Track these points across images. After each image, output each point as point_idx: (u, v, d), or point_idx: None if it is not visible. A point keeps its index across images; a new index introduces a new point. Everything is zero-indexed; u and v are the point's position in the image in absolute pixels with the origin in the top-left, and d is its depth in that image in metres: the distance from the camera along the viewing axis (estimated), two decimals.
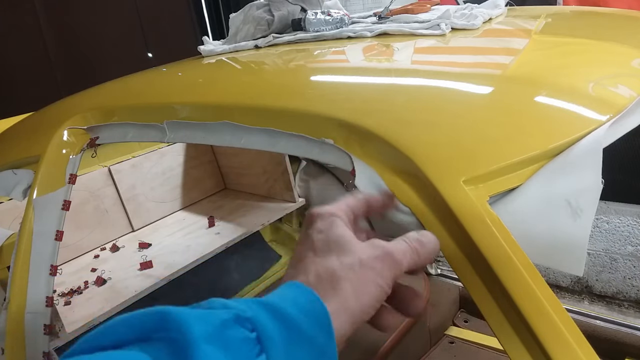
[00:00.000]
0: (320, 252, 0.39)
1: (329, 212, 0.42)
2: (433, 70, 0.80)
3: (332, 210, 0.43)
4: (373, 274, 0.38)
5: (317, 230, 0.41)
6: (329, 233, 0.40)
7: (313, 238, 0.41)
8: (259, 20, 1.22)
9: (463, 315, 1.76)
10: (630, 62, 0.74)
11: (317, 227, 0.41)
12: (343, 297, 0.36)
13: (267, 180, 1.92)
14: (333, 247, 0.39)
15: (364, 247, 0.39)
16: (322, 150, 0.62)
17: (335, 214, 0.42)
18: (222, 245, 1.64)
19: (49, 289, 0.90)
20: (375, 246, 0.39)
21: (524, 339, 0.43)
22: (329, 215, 0.42)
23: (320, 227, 0.41)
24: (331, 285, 0.37)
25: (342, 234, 0.40)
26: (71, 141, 0.93)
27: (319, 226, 0.41)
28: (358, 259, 0.38)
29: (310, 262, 0.39)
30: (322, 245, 0.40)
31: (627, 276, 2.23)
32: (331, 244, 0.40)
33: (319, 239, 0.40)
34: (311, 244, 0.40)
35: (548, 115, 0.58)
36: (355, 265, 0.38)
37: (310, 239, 0.41)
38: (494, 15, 1.06)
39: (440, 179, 0.48)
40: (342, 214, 0.43)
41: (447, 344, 1.66)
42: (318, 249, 0.40)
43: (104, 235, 1.72)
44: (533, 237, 0.46)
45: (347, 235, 0.40)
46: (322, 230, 0.41)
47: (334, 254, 0.39)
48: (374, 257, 0.39)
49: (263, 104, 0.74)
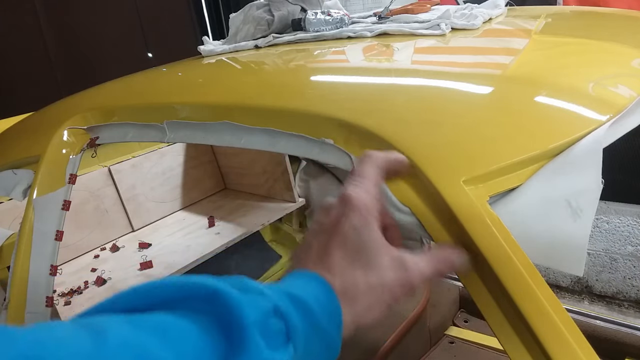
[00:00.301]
0: (349, 256, 0.40)
1: (366, 207, 0.42)
2: (433, 70, 0.80)
3: (368, 204, 0.42)
4: (390, 297, 0.40)
5: (351, 226, 0.41)
6: (362, 235, 0.41)
7: (346, 234, 0.41)
8: (259, 20, 1.22)
9: (463, 315, 1.76)
10: (630, 62, 0.74)
11: (352, 222, 0.41)
12: (357, 311, 0.39)
13: (267, 180, 1.92)
14: (363, 255, 0.40)
15: (391, 264, 0.40)
16: (322, 150, 0.62)
17: (371, 211, 0.42)
18: (222, 245, 1.64)
19: (49, 289, 0.90)
20: (400, 267, 0.41)
21: (524, 339, 0.43)
22: (366, 212, 0.42)
23: (356, 223, 0.41)
24: (351, 298, 0.39)
25: (374, 239, 0.41)
26: (71, 141, 0.93)
27: (355, 222, 0.41)
28: (382, 281, 0.40)
29: (337, 264, 0.40)
30: (353, 247, 0.40)
31: (627, 276, 2.23)
32: (362, 250, 0.40)
33: (352, 239, 0.41)
34: (342, 241, 0.41)
35: (548, 115, 0.58)
36: (377, 287, 0.40)
37: (342, 233, 0.41)
38: (494, 15, 1.06)
39: (440, 179, 0.48)
40: (375, 210, 0.43)
41: (447, 344, 1.66)
42: (348, 250, 0.40)
43: (104, 235, 1.72)
44: (533, 237, 0.46)
45: (378, 244, 0.41)
46: (357, 227, 0.41)
47: (362, 265, 0.40)
48: (396, 280, 0.40)
49: (263, 104, 0.74)
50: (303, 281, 0.39)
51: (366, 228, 0.41)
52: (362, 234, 0.41)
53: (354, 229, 0.41)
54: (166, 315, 0.31)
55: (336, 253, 0.40)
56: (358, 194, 0.43)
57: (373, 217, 0.42)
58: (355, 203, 0.42)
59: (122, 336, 0.28)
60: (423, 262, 0.42)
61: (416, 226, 0.50)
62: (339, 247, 0.41)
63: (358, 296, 0.39)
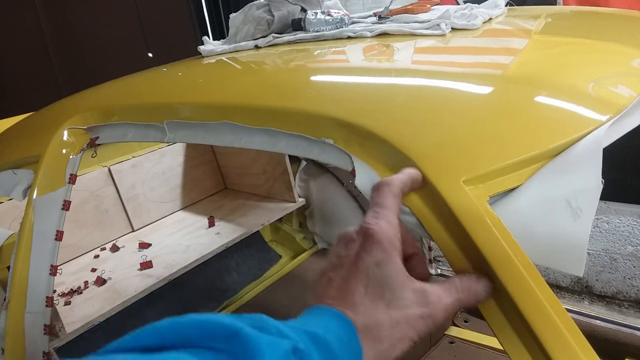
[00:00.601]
0: (372, 293, 0.40)
1: (389, 240, 0.41)
2: (433, 70, 0.80)
3: (390, 236, 0.42)
4: (413, 333, 0.40)
5: (374, 262, 0.40)
6: (384, 271, 0.40)
7: (367, 270, 0.40)
8: (259, 20, 1.22)
9: (463, 315, 1.76)
10: (630, 62, 0.74)
11: (375, 257, 0.40)
12: (380, 349, 0.39)
13: (267, 180, 1.92)
14: (386, 291, 0.40)
15: (414, 300, 0.40)
16: (322, 150, 0.62)
17: (394, 244, 0.41)
18: (222, 245, 1.64)
19: (49, 289, 0.90)
20: (423, 301, 0.40)
21: (524, 339, 0.43)
22: (388, 245, 0.41)
23: (378, 258, 0.40)
24: (375, 337, 0.39)
25: (396, 275, 0.40)
26: (71, 141, 0.93)
27: (377, 257, 0.40)
28: (406, 318, 0.40)
29: (359, 302, 0.40)
30: (375, 284, 0.40)
31: (627, 276, 2.23)
32: (385, 287, 0.40)
33: (374, 275, 0.40)
34: (365, 277, 0.40)
35: (548, 115, 0.58)
36: (401, 324, 0.39)
37: (364, 269, 0.40)
38: (494, 15, 1.06)
39: (440, 179, 0.48)
40: (397, 241, 0.42)
41: (447, 344, 1.66)
42: (370, 287, 0.40)
43: (104, 235, 1.72)
44: (533, 237, 0.46)
45: (401, 279, 0.40)
46: (379, 263, 0.40)
47: (386, 302, 0.40)
48: (420, 316, 0.40)
49: (263, 104, 0.74)
50: (324, 319, 0.38)
51: (389, 263, 0.40)
52: (385, 269, 0.40)
53: (376, 265, 0.40)
54: (185, 355, 0.31)
55: (358, 289, 0.40)
56: (380, 226, 0.42)
57: (395, 250, 0.41)
58: (377, 237, 0.41)
59: None
60: (445, 294, 0.42)
61: (416, 226, 0.50)
62: (361, 283, 0.40)
63: (382, 334, 0.39)
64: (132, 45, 3.19)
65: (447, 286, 0.42)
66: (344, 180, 1.89)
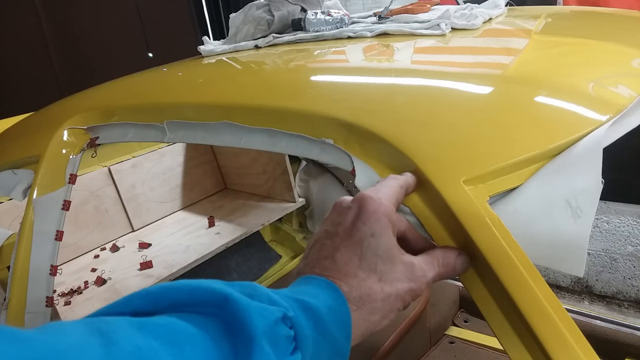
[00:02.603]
0: (365, 264, 0.40)
1: (385, 213, 0.41)
2: (433, 70, 0.80)
3: (387, 209, 0.42)
4: (401, 305, 0.41)
5: (369, 233, 0.41)
6: (380, 242, 0.40)
7: (363, 242, 0.40)
8: (259, 20, 1.22)
9: (463, 315, 1.76)
10: (630, 62, 0.74)
11: (371, 227, 0.41)
12: (369, 318, 0.40)
13: (267, 180, 1.92)
14: (379, 264, 0.40)
15: (404, 273, 0.41)
16: (322, 150, 0.62)
17: (390, 216, 0.42)
18: (222, 245, 1.64)
19: (49, 289, 0.90)
20: (411, 275, 0.41)
21: (524, 339, 0.43)
22: (384, 217, 0.41)
23: (374, 229, 0.41)
24: (365, 307, 0.40)
25: (390, 248, 0.41)
26: (71, 141, 0.93)
27: (373, 228, 0.41)
28: (395, 290, 0.41)
29: (353, 274, 0.40)
30: (369, 255, 0.40)
31: (627, 276, 2.23)
32: (378, 258, 0.40)
33: (369, 247, 0.40)
34: (359, 248, 0.40)
35: (548, 115, 0.58)
36: (392, 296, 0.40)
37: (359, 239, 0.40)
38: (494, 15, 1.06)
39: (440, 179, 0.48)
40: (394, 216, 0.42)
41: (447, 344, 1.66)
42: (364, 258, 0.40)
43: (104, 235, 1.72)
44: (533, 238, 0.46)
45: (394, 253, 0.41)
46: (375, 234, 0.40)
47: (379, 275, 0.40)
48: (407, 290, 0.41)
49: (263, 104, 0.74)
50: (315, 288, 0.39)
51: (384, 235, 0.41)
52: (380, 241, 0.40)
53: (371, 235, 0.40)
54: (176, 320, 0.31)
55: (353, 260, 0.40)
56: (378, 197, 0.42)
57: (389, 222, 0.42)
58: (374, 207, 0.41)
59: (132, 343, 0.28)
60: (429, 268, 0.43)
61: (416, 226, 0.50)
62: (356, 254, 0.40)
63: (374, 306, 0.40)
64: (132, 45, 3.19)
65: (430, 260, 0.43)
66: (344, 180, 1.89)
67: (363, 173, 0.56)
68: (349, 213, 0.42)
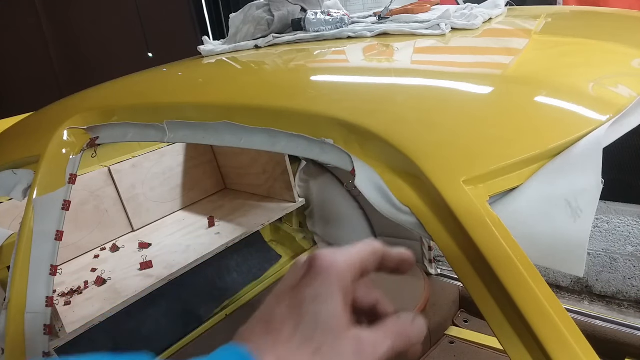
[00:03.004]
0: (300, 333, 0.34)
1: (336, 276, 0.36)
2: (433, 70, 0.80)
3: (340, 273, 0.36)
4: None
5: (312, 296, 0.35)
6: (322, 309, 0.35)
7: (303, 306, 0.35)
8: (259, 20, 1.22)
9: (463, 315, 1.76)
10: (630, 62, 0.74)
11: (315, 291, 0.35)
12: None
13: (267, 180, 1.92)
14: (318, 333, 0.34)
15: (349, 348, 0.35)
16: (322, 150, 0.62)
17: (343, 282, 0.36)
18: (222, 245, 1.64)
19: (49, 289, 0.90)
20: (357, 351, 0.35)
21: (524, 339, 0.43)
22: (335, 282, 0.36)
23: (318, 293, 0.35)
24: None
25: (335, 317, 0.35)
26: (71, 141, 0.93)
27: (318, 291, 0.35)
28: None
29: (283, 343, 0.34)
30: (308, 323, 0.34)
31: (627, 276, 2.23)
32: (318, 328, 0.34)
33: (309, 313, 0.35)
34: (298, 314, 0.35)
35: (548, 115, 0.58)
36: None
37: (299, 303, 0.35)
38: (494, 15, 1.06)
39: (440, 179, 0.48)
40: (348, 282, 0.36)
41: (447, 344, 1.66)
42: (301, 326, 0.34)
43: (104, 235, 1.72)
44: (533, 238, 0.46)
45: (339, 323, 0.35)
46: (318, 299, 0.35)
47: (313, 346, 0.34)
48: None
49: (263, 104, 0.74)
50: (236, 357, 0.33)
51: (329, 302, 0.35)
52: (322, 308, 0.35)
53: (313, 300, 0.35)
54: None
55: (286, 328, 0.34)
56: (332, 258, 0.36)
57: (341, 289, 0.36)
58: (324, 269, 0.36)
59: None
60: (380, 342, 0.36)
61: (416, 226, 0.50)
62: (292, 320, 0.35)
63: None
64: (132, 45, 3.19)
65: (383, 332, 0.37)
66: (344, 180, 1.89)
67: (363, 173, 0.56)
68: (299, 272, 0.37)
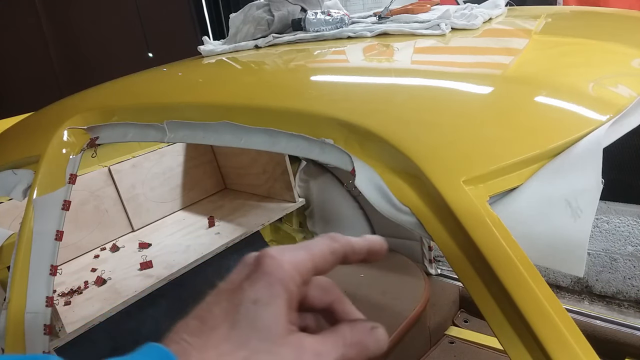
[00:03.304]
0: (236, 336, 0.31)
1: (281, 279, 0.33)
2: (433, 70, 0.80)
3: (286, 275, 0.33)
4: None
5: (252, 298, 0.32)
6: (262, 312, 0.32)
7: (240, 308, 0.32)
8: (259, 20, 1.22)
9: (463, 315, 1.76)
10: (630, 62, 0.74)
11: (256, 292, 0.32)
12: None
13: (267, 180, 1.92)
14: (254, 338, 0.31)
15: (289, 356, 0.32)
16: (322, 150, 0.62)
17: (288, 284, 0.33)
18: (222, 245, 1.64)
19: (49, 289, 0.90)
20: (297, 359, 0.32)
21: (524, 339, 0.43)
22: (278, 284, 0.33)
23: (259, 295, 0.32)
24: None
25: (275, 322, 0.32)
26: (71, 141, 0.93)
27: (259, 294, 0.32)
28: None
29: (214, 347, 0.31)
30: (245, 326, 0.32)
31: (627, 276, 2.23)
32: (255, 332, 0.32)
33: (247, 315, 0.32)
34: (234, 315, 0.32)
35: (548, 115, 0.58)
36: None
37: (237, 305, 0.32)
38: (494, 15, 1.06)
39: (440, 179, 0.48)
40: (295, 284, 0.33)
41: (447, 344, 1.66)
42: (237, 329, 0.32)
43: (104, 235, 1.72)
44: (533, 238, 0.46)
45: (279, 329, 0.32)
46: (258, 301, 0.32)
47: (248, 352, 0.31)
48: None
49: (263, 104, 0.74)
50: None
51: (270, 304, 0.32)
52: (263, 311, 0.32)
53: (253, 303, 0.32)
54: None
55: (221, 329, 0.32)
56: (280, 259, 0.33)
57: (286, 292, 0.32)
58: (270, 269, 0.33)
59: None
60: (328, 351, 0.33)
61: (416, 226, 0.50)
62: (228, 321, 0.32)
63: None
64: (132, 45, 3.19)
65: (333, 339, 0.34)
66: (344, 180, 1.89)
67: (363, 173, 0.56)
68: (244, 270, 0.34)
